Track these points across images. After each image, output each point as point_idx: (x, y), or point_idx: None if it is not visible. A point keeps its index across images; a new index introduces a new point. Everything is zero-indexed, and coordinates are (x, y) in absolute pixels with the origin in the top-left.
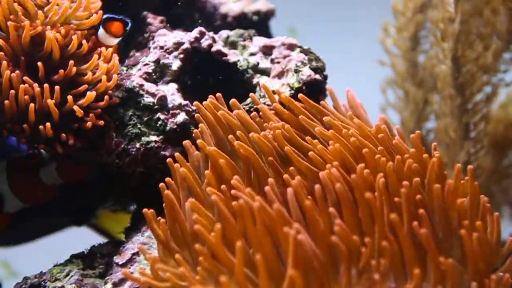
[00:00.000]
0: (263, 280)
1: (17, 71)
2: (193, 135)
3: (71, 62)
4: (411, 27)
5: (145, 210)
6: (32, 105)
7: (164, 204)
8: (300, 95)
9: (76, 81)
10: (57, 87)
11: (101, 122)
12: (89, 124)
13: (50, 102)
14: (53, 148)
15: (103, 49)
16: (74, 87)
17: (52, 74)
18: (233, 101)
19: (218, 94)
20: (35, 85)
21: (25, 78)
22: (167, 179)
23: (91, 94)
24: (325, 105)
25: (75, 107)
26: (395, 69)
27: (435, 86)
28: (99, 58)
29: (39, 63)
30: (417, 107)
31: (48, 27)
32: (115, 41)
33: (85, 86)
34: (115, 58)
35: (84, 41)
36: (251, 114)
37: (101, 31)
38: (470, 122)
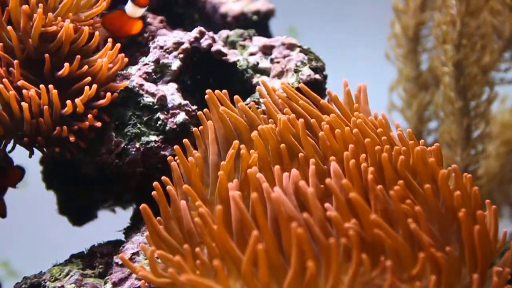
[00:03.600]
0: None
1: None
2: (194, 132)
3: (78, 56)
4: (412, 27)
5: (142, 206)
6: (27, 115)
7: (159, 203)
8: (301, 85)
9: (81, 77)
10: (55, 91)
11: (99, 124)
12: (86, 123)
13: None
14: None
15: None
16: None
17: (58, 70)
18: (236, 97)
19: (224, 91)
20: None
21: (21, 83)
22: (163, 177)
23: (92, 90)
24: (326, 103)
25: (77, 101)
26: (398, 69)
27: (437, 87)
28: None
29: (46, 56)
30: (420, 107)
31: (59, 18)
32: (142, 11)
33: (88, 79)
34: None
35: (96, 33)
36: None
37: (129, 4)
38: (471, 124)
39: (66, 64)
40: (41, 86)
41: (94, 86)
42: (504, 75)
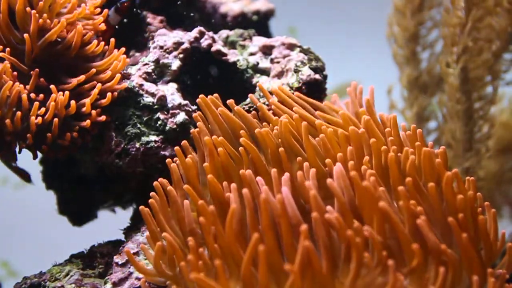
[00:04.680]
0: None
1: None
2: (192, 133)
3: (93, 70)
4: (411, 27)
5: (141, 207)
6: (33, 118)
7: (153, 203)
8: (296, 94)
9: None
10: (61, 98)
11: (103, 118)
12: (88, 122)
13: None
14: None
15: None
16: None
17: (63, 72)
18: (230, 102)
19: (216, 95)
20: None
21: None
22: (160, 179)
23: (95, 92)
24: (330, 105)
25: (86, 101)
26: (398, 69)
27: (438, 86)
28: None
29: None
30: (420, 107)
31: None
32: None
33: (97, 85)
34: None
35: (102, 42)
36: (251, 114)
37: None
38: (475, 125)
39: (82, 77)
40: (60, 98)
41: (98, 87)
42: (504, 76)
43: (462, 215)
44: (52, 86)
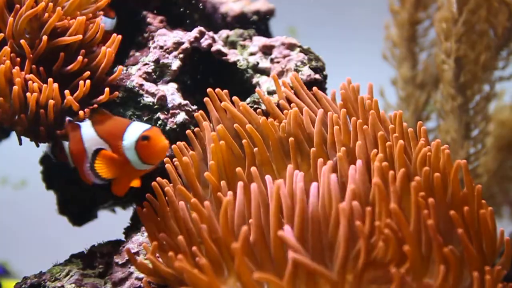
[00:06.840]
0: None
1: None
2: (187, 134)
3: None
4: (408, 27)
5: (138, 208)
6: (33, 95)
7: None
8: (297, 101)
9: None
10: (56, 86)
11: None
12: (81, 113)
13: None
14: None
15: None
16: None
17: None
18: (235, 98)
19: (225, 91)
20: (35, 85)
21: (32, 76)
22: (158, 179)
23: (86, 84)
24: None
25: (69, 98)
26: (395, 69)
27: (435, 85)
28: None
29: (61, 54)
30: (417, 107)
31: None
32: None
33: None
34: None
35: (102, 25)
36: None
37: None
38: (471, 122)
39: (79, 58)
40: (49, 79)
41: (88, 81)
42: (502, 73)
43: (467, 208)
44: (50, 79)
